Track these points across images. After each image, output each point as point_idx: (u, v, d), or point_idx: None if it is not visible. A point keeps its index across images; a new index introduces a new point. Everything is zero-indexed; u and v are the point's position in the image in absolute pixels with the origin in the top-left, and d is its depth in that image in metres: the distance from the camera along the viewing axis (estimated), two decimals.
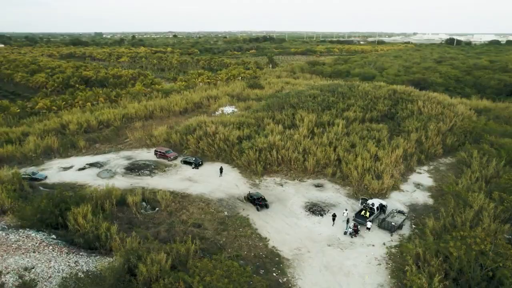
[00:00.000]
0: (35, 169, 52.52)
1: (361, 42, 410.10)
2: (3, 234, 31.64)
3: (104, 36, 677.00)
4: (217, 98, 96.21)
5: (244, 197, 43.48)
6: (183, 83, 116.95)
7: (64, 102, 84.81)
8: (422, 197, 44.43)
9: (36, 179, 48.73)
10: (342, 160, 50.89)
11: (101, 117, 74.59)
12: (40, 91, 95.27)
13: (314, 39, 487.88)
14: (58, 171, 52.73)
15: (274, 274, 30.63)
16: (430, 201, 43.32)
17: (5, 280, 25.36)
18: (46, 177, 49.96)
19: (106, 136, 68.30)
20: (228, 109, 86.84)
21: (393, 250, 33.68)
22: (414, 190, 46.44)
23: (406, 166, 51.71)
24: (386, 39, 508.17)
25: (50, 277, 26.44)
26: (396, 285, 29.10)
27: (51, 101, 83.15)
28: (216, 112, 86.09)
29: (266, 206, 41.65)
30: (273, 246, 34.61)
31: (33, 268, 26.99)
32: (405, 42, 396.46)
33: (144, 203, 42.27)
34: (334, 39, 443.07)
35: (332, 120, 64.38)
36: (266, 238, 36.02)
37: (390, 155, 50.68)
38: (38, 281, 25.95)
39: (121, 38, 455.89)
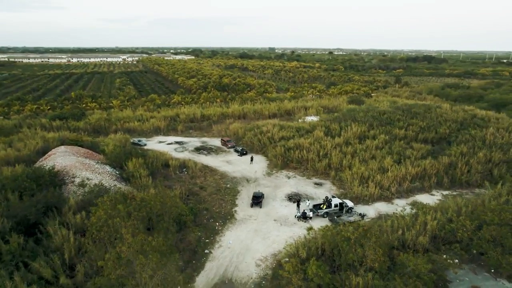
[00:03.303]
0: (143, 139, 77.74)
1: None
2: (93, 163, 54.11)
3: (276, 50, 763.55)
4: (308, 108, 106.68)
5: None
6: (292, 93, 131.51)
7: (191, 100, 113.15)
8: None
9: (139, 145, 73.03)
10: (351, 167, 55.09)
11: (205, 112, 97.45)
12: (178, 90, 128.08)
13: (493, 60, 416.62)
14: (155, 143, 76.32)
15: (217, 224, 41.94)
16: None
17: (74, 180, 46.38)
18: (145, 145, 73.90)
19: (202, 126, 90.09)
20: (309, 118, 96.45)
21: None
22: (404, 206, 47.20)
23: (419, 185, 51.34)
24: None
25: (95, 184, 45.99)
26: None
27: (182, 98, 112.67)
28: (299, 120, 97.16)
29: (259, 205, 46.40)
30: (235, 210, 45.48)
31: (91, 179, 47.33)
32: None
33: (184, 169, 59.53)
34: None
35: (377, 135, 66.59)
36: (237, 204, 47.08)
37: (399, 171, 51.71)
38: (90, 185, 45.85)
39: (282, 53, 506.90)
